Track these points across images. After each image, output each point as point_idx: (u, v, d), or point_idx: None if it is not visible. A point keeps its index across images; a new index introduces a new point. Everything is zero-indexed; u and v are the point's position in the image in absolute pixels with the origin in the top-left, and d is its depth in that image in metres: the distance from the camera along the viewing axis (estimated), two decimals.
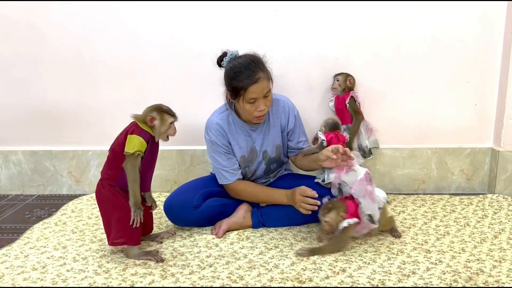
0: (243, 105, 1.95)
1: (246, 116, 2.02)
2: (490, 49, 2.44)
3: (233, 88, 1.93)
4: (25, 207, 2.50)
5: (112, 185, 1.77)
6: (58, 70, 2.56)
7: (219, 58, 2.00)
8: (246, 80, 1.89)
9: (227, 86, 1.97)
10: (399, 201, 2.43)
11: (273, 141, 2.13)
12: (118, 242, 1.78)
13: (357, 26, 2.42)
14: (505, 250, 1.85)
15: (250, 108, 1.94)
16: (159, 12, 2.45)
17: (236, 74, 1.91)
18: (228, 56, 1.97)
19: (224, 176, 2.09)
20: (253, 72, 1.90)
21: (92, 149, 2.64)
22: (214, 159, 2.09)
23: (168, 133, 1.82)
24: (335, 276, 1.67)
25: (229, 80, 1.95)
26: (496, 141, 2.52)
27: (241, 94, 1.91)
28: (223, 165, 2.07)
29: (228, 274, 1.69)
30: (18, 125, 2.65)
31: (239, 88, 1.91)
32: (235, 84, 1.91)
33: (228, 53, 1.97)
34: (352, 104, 2.36)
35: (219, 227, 2.05)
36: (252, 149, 2.12)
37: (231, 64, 1.95)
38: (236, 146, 2.09)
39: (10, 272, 1.74)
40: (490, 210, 2.28)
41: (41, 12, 2.48)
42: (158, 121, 1.77)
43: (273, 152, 2.15)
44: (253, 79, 1.89)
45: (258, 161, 2.14)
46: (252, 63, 1.92)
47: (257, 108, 1.94)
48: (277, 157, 2.17)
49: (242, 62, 1.93)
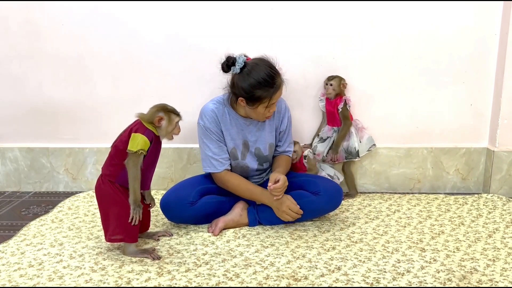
0: (258, 109, 1.97)
1: (254, 117, 2.04)
2: (486, 50, 2.45)
3: (255, 96, 1.92)
4: (22, 204, 2.50)
5: (112, 181, 1.78)
6: (55, 67, 2.56)
7: (226, 63, 1.96)
8: (270, 89, 1.92)
9: (245, 93, 1.93)
10: (395, 200, 2.45)
11: (267, 138, 2.15)
12: (115, 238, 1.78)
13: (354, 25, 2.43)
14: (499, 249, 1.87)
15: (264, 111, 1.98)
16: (157, 9, 2.45)
17: (258, 82, 1.91)
18: (240, 62, 1.93)
19: (212, 164, 2.08)
20: (275, 80, 1.93)
21: (89, 146, 2.64)
22: (205, 145, 2.08)
23: (174, 133, 1.84)
24: (331, 274, 1.68)
25: (250, 89, 1.91)
26: (491, 141, 2.54)
27: (264, 102, 1.94)
28: (214, 152, 2.07)
29: (224, 272, 1.70)
30: (14, 122, 2.65)
31: (262, 97, 1.92)
32: (259, 93, 1.91)
33: (238, 58, 1.94)
34: (344, 110, 2.37)
35: (215, 225, 2.06)
36: (245, 143, 2.13)
37: (247, 70, 1.92)
38: (228, 137, 2.10)
39: (7, 268, 1.75)
40: (484, 210, 2.29)
41: (38, 8, 2.48)
42: (166, 121, 1.79)
43: (266, 150, 2.16)
44: (277, 87, 1.94)
45: (250, 156, 2.15)
46: (272, 70, 1.94)
47: (270, 110, 1.99)
48: (269, 155, 2.19)
49: (264, 70, 1.92)
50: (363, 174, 2.60)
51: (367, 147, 2.47)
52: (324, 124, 2.49)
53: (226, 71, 1.97)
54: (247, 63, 1.95)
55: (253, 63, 1.95)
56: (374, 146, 2.49)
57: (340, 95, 2.39)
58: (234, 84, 1.98)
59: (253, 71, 1.92)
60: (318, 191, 2.05)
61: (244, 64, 1.94)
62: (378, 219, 2.19)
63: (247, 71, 1.93)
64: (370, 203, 2.41)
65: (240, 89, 1.94)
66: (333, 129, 2.44)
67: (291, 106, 2.35)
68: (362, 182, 2.61)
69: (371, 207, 2.36)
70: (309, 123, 2.54)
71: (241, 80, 1.94)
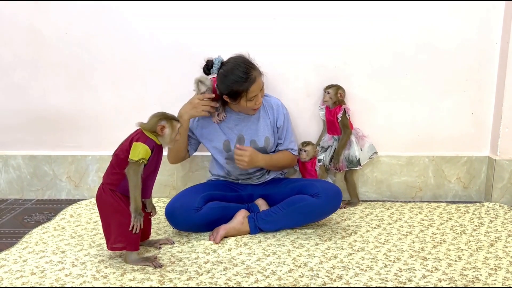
0: (244, 104, 2.09)
1: (243, 111, 2.18)
2: (487, 58, 2.46)
3: (233, 92, 2.06)
4: (24, 211, 2.50)
5: (113, 190, 1.78)
6: (58, 75, 2.57)
7: (206, 66, 2.12)
8: (245, 83, 2.03)
9: (225, 91, 2.08)
10: (396, 209, 2.45)
11: (262, 131, 2.22)
12: (117, 247, 1.78)
13: (355, 34, 2.45)
14: (500, 258, 1.87)
15: (250, 104, 2.10)
16: (159, 17, 2.46)
17: (233, 79, 2.04)
18: (216, 63, 2.08)
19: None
20: (249, 73, 2.05)
21: (91, 154, 2.65)
22: None
23: (176, 139, 1.85)
24: (332, 283, 1.68)
25: (226, 86, 2.06)
26: (492, 149, 2.54)
27: (243, 96, 2.06)
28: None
29: (225, 280, 1.70)
30: (17, 130, 2.66)
31: (240, 91, 2.05)
32: (236, 88, 2.04)
33: (215, 60, 2.09)
34: (343, 119, 2.39)
35: (216, 232, 2.06)
36: (240, 137, 2.21)
37: (223, 70, 2.07)
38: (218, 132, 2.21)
39: (9, 276, 1.75)
40: (486, 218, 2.29)
41: (41, 16, 2.50)
42: (169, 129, 1.79)
43: (262, 142, 2.22)
44: (252, 80, 2.04)
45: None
46: (244, 64, 2.07)
47: (256, 102, 2.11)
48: (266, 148, 2.23)
49: (235, 66, 2.06)
50: (364, 182, 2.60)
51: (368, 155, 2.47)
52: (325, 133, 2.50)
53: (207, 73, 2.12)
54: (223, 63, 2.09)
55: (228, 62, 2.09)
56: (376, 154, 2.50)
57: (339, 104, 2.40)
58: (217, 85, 2.12)
59: (227, 70, 2.06)
60: (318, 193, 2.06)
61: (220, 65, 2.09)
62: (379, 228, 2.19)
63: (223, 71, 2.07)
64: (371, 211, 2.41)
65: (221, 88, 2.09)
66: (333, 137, 2.45)
67: (292, 113, 2.37)
68: (363, 191, 2.61)
69: (372, 215, 2.36)
70: (310, 132, 2.55)
71: (219, 80, 2.09)
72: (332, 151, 2.44)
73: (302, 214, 2.08)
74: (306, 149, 2.35)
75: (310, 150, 2.36)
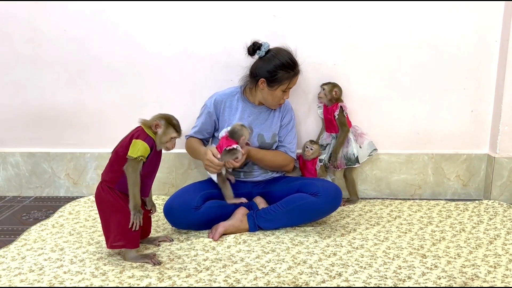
0: (276, 92, 2.13)
1: (270, 101, 2.18)
2: (486, 56, 2.46)
3: (275, 76, 2.10)
4: (23, 208, 2.50)
5: (112, 188, 1.78)
6: (57, 73, 2.57)
7: (252, 47, 2.14)
8: (291, 72, 2.12)
9: (268, 74, 2.10)
10: (396, 206, 2.45)
11: (272, 128, 2.24)
12: (117, 245, 1.78)
13: (355, 32, 2.44)
14: (500, 255, 1.87)
15: (281, 95, 2.15)
16: (159, 15, 2.46)
17: (282, 62, 2.10)
18: (264, 46, 2.12)
19: (192, 130, 2.29)
20: (296, 65, 2.14)
21: (90, 151, 2.64)
22: (199, 115, 2.28)
23: (167, 146, 1.80)
24: (332, 280, 1.68)
25: (273, 66, 2.10)
26: (492, 147, 2.54)
27: (283, 83, 2.12)
28: (197, 124, 2.27)
29: (224, 278, 1.70)
30: (16, 127, 2.66)
31: (284, 78, 2.10)
32: (281, 72, 2.10)
33: (263, 44, 2.13)
34: (340, 116, 2.39)
35: (215, 230, 2.06)
36: (249, 128, 2.19)
37: (272, 52, 2.13)
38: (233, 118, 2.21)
39: (7, 273, 1.74)
40: (485, 216, 2.29)
41: (40, 14, 2.49)
42: (161, 130, 1.76)
43: (270, 137, 2.23)
44: (296, 72, 2.15)
45: (252, 142, 2.20)
46: (293, 57, 2.14)
47: (284, 96, 2.18)
48: (271, 144, 2.24)
49: (287, 55, 2.12)
50: (364, 180, 2.60)
51: (368, 152, 2.47)
52: (323, 131, 2.50)
53: (252, 54, 2.16)
54: (270, 49, 2.16)
55: (277, 49, 2.16)
56: (376, 151, 2.49)
57: (336, 102, 2.40)
58: (256, 68, 2.15)
59: (278, 55, 2.12)
60: (317, 192, 2.06)
61: (268, 50, 2.14)
62: (379, 225, 2.19)
63: (272, 54, 2.13)
64: (371, 209, 2.41)
65: (263, 70, 2.12)
66: (331, 135, 2.45)
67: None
68: (363, 188, 2.61)
69: (372, 213, 2.36)
70: (309, 129, 2.55)
71: (266, 62, 2.12)
72: (331, 149, 2.44)
73: (302, 213, 2.08)
74: (312, 147, 2.35)
75: (316, 149, 2.36)
